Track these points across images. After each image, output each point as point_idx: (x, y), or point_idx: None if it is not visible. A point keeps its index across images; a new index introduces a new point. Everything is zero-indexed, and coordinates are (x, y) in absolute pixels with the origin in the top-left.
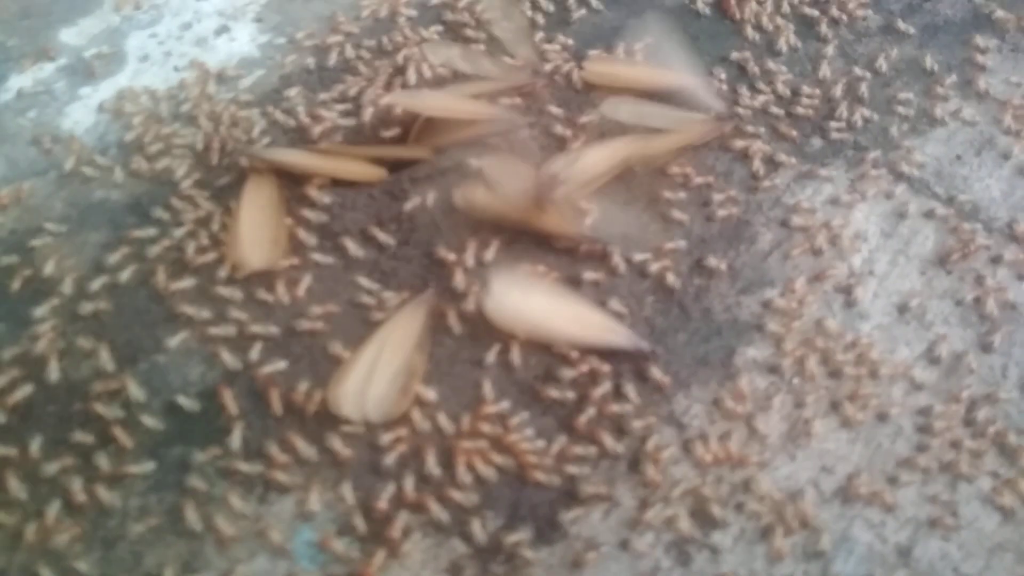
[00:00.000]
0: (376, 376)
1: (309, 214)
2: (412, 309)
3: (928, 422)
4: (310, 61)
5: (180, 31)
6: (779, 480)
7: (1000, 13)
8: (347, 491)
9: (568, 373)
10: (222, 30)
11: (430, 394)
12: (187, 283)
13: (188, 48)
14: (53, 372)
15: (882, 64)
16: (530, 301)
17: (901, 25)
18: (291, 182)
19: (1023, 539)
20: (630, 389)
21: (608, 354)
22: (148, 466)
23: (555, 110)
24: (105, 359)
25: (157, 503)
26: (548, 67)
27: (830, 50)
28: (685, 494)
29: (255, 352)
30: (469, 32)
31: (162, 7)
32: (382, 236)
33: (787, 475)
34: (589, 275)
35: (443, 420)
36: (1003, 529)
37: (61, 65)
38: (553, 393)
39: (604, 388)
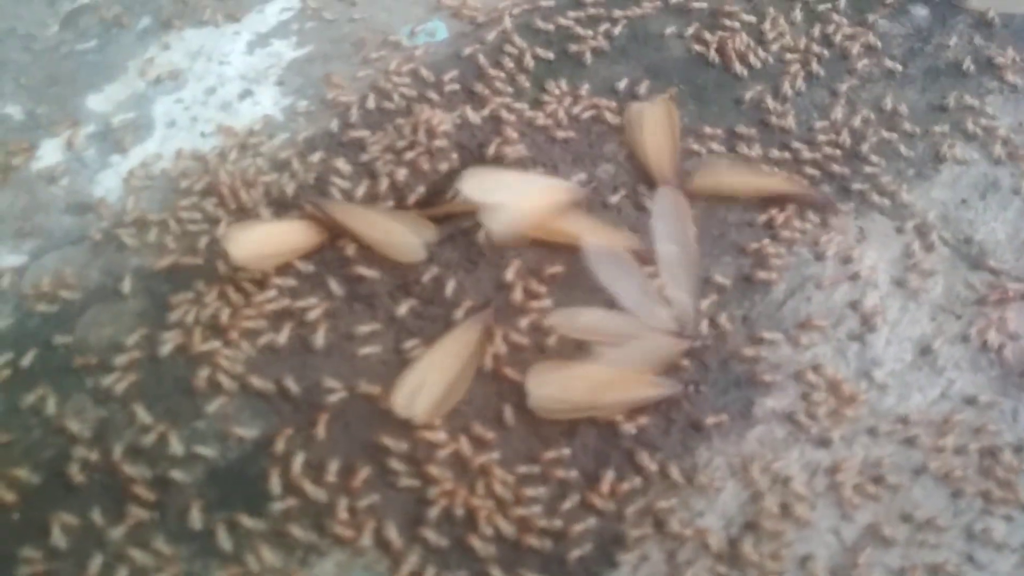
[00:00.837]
0: (429, 381)
1: (337, 272)
2: (470, 325)
3: (944, 468)
4: (333, 124)
5: (205, 96)
6: (799, 529)
7: (1000, 56)
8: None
9: (590, 429)
10: (245, 94)
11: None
12: (223, 347)
13: (213, 113)
14: (84, 431)
15: (886, 109)
16: (568, 387)
17: (904, 70)
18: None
19: None
20: (655, 441)
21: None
22: (197, 525)
23: None
24: (146, 426)
25: (203, 569)
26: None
27: (834, 96)
28: (710, 546)
29: (290, 415)
30: (492, 93)
31: (186, 72)
32: (407, 298)
33: (806, 523)
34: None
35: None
36: (1018, 572)
37: (90, 132)
38: (575, 447)
39: (626, 441)
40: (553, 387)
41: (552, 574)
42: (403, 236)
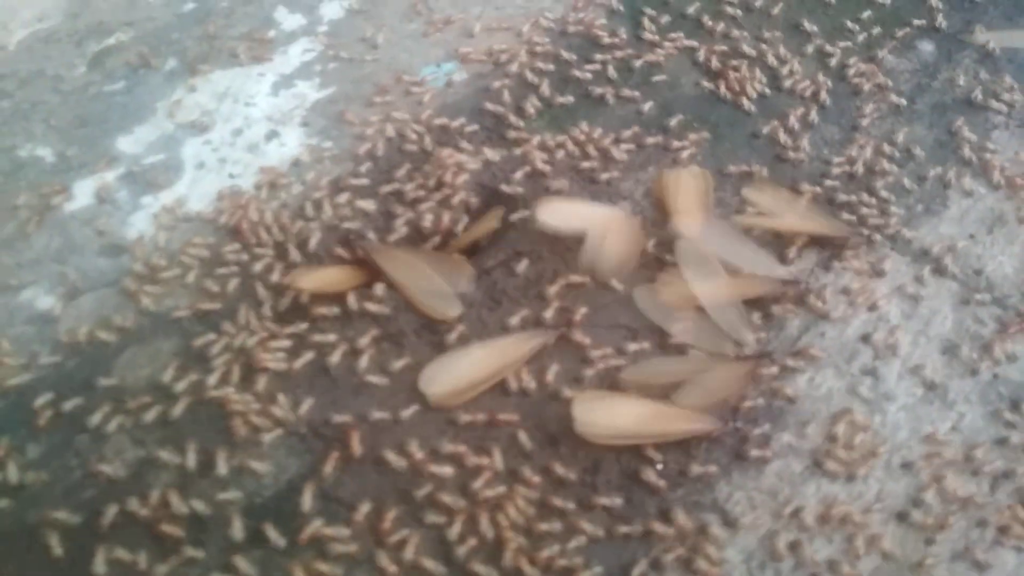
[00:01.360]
0: (459, 369)
1: (371, 310)
2: (526, 337)
3: (955, 500)
4: (357, 166)
5: (232, 137)
6: (818, 563)
7: (1005, 90)
8: None
9: (614, 464)
10: (272, 135)
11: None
12: (255, 389)
13: (241, 154)
14: (121, 472)
15: (896, 144)
16: (614, 414)
17: (912, 105)
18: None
19: None
20: (676, 478)
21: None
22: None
23: None
24: (183, 466)
25: None
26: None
27: (845, 132)
28: None
29: (321, 453)
30: (512, 133)
31: (213, 113)
32: (435, 335)
33: (825, 557)
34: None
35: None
36: None
37: (121, 174)
38: (599, 482)
39: (649, 476)
40: (600, 415)
41: None
42: (441, 289)
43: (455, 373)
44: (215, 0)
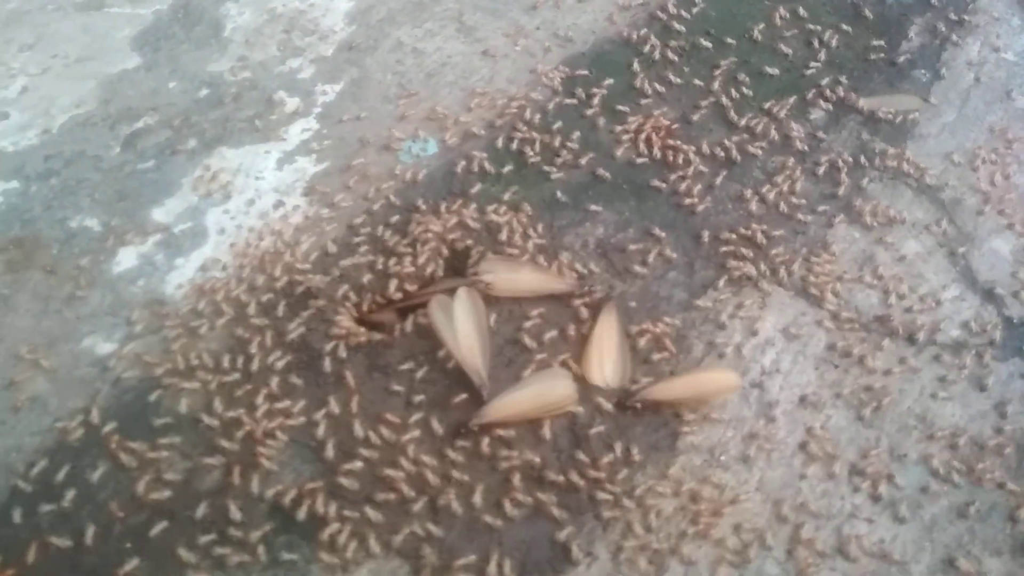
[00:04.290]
0: (604, 357)
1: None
2: (604, 316)
3: (820, 478)
4: (352, 230)
5: (246, 207)
6: (705, 540)
7: (881, 146)
8: None
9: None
10: (278, 204)
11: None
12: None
13: (254, 221)
14: (176, 478)
15: (787, 197)
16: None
17: (805, 160)
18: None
19: None
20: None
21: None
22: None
23: None
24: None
25: None
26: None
27: (744, 187)
28: (644, 548)
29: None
30: (472, 201)
31: (229, 186)
32: (411, 369)
33: (716, 532)
34: None
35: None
36: None
37: (157, 240)
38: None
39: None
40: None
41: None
42: None
43: (606, 365)
44: (225, 86)
